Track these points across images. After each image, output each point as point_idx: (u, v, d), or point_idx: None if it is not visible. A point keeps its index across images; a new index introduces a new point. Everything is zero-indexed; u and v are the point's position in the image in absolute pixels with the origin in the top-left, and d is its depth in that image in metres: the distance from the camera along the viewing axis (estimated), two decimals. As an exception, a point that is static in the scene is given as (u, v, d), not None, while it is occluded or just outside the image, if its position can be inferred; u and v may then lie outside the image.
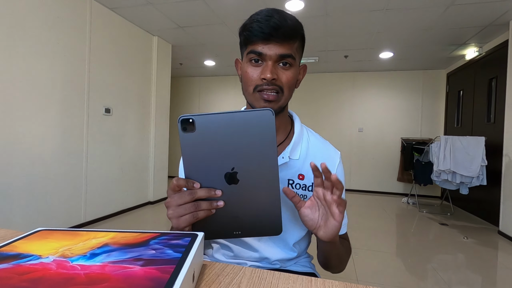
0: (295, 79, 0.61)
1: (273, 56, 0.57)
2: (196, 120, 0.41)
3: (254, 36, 0.57)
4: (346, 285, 0.39)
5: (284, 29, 0.55)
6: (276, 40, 0.56)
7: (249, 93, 0.60)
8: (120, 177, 3.19)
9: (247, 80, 0.59)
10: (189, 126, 0.42)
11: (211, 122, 0.42)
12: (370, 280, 1.86)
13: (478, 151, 3.11)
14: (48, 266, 0.32)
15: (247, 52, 0.59)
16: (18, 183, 2.15)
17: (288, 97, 0.61)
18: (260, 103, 0.59)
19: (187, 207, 0.45)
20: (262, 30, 0.55)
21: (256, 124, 0.42)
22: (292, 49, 0.58)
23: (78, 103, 2.62)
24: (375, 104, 5.02)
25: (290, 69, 0.59)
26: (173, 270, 0.31)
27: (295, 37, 0.59)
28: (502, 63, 3.08)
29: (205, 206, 0.45)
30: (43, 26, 2.28)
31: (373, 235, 2.76)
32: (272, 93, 0.58)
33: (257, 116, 0.41)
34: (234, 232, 0.48)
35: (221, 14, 2.97)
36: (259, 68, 0.58)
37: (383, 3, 2.63)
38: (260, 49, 0.57)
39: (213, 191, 0.45)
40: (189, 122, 0.42)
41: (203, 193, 0.45)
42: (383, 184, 4.96)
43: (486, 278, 1.97)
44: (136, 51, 3.36)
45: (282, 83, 0.58)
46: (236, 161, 0.44)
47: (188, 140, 0.42)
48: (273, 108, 0.58)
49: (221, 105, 5.80)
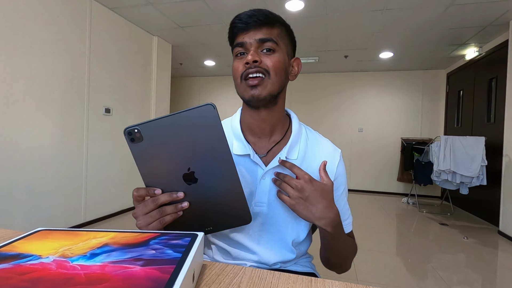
0: (282, 64, 0.60)
1: (253, 42, 0.58)
2: (142, 129, 0.41)
3: (235, 29, 0.60)
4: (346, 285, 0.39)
5: (259, 15, 0.58)
6: (254, 26, 0.58)
7: (238, 85, 0.61)
8: (120, 177, 3.19)
9: (235, 72, 0.60)
10: (136, 136, 0.42)
11: (157, 128, 0.42)
12: (370, 280, 1.86)
13: (478, 151, 3.11)
14: (48, 266, 0.32)
15: (233, 48, 0.62)
16: (18, 183, 2.15)
17: (277, 82, 0.60)
18: (248, 91, 0.59)
19: (153, 215, 0.46)
20: (241, 21, 0.59)
21: (200, 121, 0.42)
22: (272, 34, 0.59)
23: (78, 103, 2.62)
24: (375, 104, 5.02)
25: (273, 54, 0.59)
26: (173, 270, 0.31)
27: (272, 23, 0.60)
28: (502, 63, 3.08)
29: (170, 210, 0.46)
30: (43, 26, 2.28)
31: (373, 235, 2.76)
32: (257, 75, 0.57)
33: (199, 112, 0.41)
34: (206, 228, 0.49)
35: (221, 14, 2.97)
36: (243, 58, 0.59)
37: (383, 3, 2.62)
38: (240, 39, 0.59)
39: (175, 194, 0.46)
40: (135, 132, 0.42)
41: (166, 198, 0.46)
42: (383, 184, 4.96)
43: (486, 278, 1.97)
44: (136, 51, 3.36)
45: (267, 66, 0.58)
46: (190, 161, 0.44)
47: (139, 150, 0.43)
48: (260, 94, 0.58)
49: (221, 105, 5.80)
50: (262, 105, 0.61)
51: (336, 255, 0.64)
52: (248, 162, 0.65)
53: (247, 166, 0.65)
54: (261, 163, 0.64)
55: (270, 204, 0.64)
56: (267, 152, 0.66)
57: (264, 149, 0.67)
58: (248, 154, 0.64)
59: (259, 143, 0.67)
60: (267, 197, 0.64)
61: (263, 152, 0.67)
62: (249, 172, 0.65)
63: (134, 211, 0.48)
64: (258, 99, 0.59)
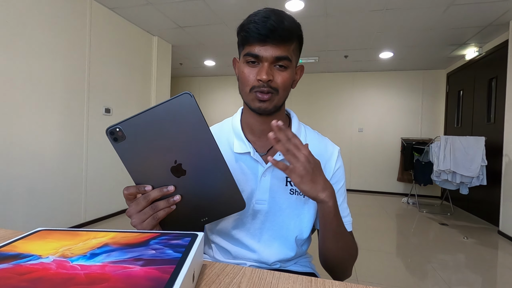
0: (290, 80, 0.62)
1: (269, 58, 0.57)
2: (123, 127, 0.41)
3: (250, 37, 0.57)
4: (346, 285, 0.39)
5: (280, 31, 0.56)
6: (272, 42, 0.56)
7: (246, 93, 0.61)
8: (120, 177, 3.19)
9: (244, 80, 0.60)
10: (119, 135, 0.42)
11: (137, 124, 0.41)
12: (370, 280, 1.86)
13: (478, 151, 3.11)
14: (48, 266, 0.32)
15: (244, 53, 0.60)
16: (18, 183, 2.15)
17: (283, 97, 0.62)
18: (255, 103, 0.60)
19: (146, 212, 0.46)
20: (259, 31, 0.56)
21: (179, 111, 0.41)
22: (289, 51, 0.59)
23: (78, 103, 2.62)
24: (375, 104, 5.02)
25: (286, 70, 0.60)
26: (173, 270, 0.31)
27: (291, 39, 0.59)
28: (502, 63, 3.08)
29: (163, 205, 0.46)
30: (43, 26, 2.28)
31: (373, 235, 2.76)
32: (266, 94, 0.59)
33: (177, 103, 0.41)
34: (201, 219, 0.49)
35: (221, 14, 2.97)
36: (255, 69, 0.59)
37: (383, 3, 2.62)
38: (256, 51, 0.57)
39: (165, 189, 0.45)
40: (117, 131, 0.41)
41: (156, 193, 0.46)
42: (383, 184, 4.96)
43: (486, 278, 1.97)
44: (136, 51, 3.36)
45: (278, 84, 0.59)
46: (175, 153, 0.44)
47: (123, 149, 0.42)
48: (267, 107, 0.60)
49: (221, 105, 5.80)
50: (266, 114, 0.63)
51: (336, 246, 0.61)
52: (248, 160, 0.66)
53: (248, 164, 0.66)
54: (261, 161, 0.65)
55: (271, 201, 0.65)
56: (267, 151, 0.67)
57: (264, 147, 0.68)
58: (248, 152, 0.65)
59: (259, 142, 0.68)
60: (268, 194, 0.65)
61: (263, 150, 0.68)
62: (250, 169, 0.66)
63: (127, 210, 0.48)
64: (264, 111, 0.61)
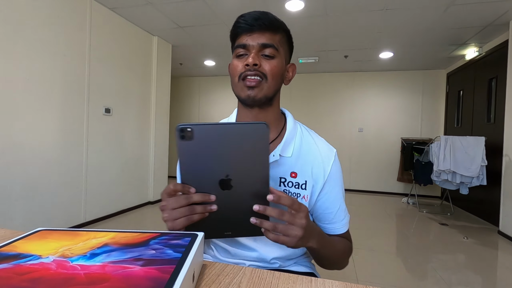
0: (279, 69, 0.62)
1: (256, 45, 0.60)
2: (195, 129, 0.43)
3: (239, 28, 0.61)
4: (346, 285, 0.39)
5: (264, 20, 0.60)
6: (258, 30, 0.60)
7: (235, 84, 0.62)
8: (120, 177, 3.19)
9: (233, 71, 0.62)
10: (187, 135, 0.44)
11: (209, 132, 0.44)
12: (370, 280, 1.86)
13: (478, 151, 3.11)
14: (48, 266, 0.32)
15: (234, 47, 0.63)
16: (18, 183, 2.15)
17: (273, 86, 0.62)
18: (244, 91, 0.61)
19: (182, 211, 0.47)
20: (246, 22, 0.60)
21: (250, 136, 0.44)
22: (274, 40, 0.61)
23: (78, 103, 2.62)
24: (375, 104, 5.02)
25: (273, 59, 0.61)
26: (173, 270, 0.31)
27: (276, 28, 0.62)
28: (502, 63, 3.08)
29: (200, 210, 0.47)
30: (43, 26, 2.28)
31: (373, 235, 2.76)
32: (255, 77, 0.60)
33: (252, 128, 0.44)
34: (225, 232, 0.50)
35: (221, 14, 2.97)
36: (244, 59, 0.61)
37: (383, 3, 2.63)
38: (244, 41, 0.61)
39: (208, 196, 0.47)
40: (187, 130, 0.43)
41: (199, 197, 0.47)
42: (383, 184, 4.96)
43: (486, 278, 1.97)
44: (136, 51, 3.36)
45: (265, 70, 0.60)
46: (230, 169, 0.46)
47: (186, 148, 0.45)
48: (256, 95, 0.61)
49: (221, 105, 5.81)
50: (257, 105, 0.63)
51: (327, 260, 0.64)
52: None
53: None
54: None
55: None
56: None
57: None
58: None
59: None
60: None
61: None
62: None
63: (162, 203, 0.48)
64: (253, 100, 0.61)
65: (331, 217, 0.67)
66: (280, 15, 2.99)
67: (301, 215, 0.48)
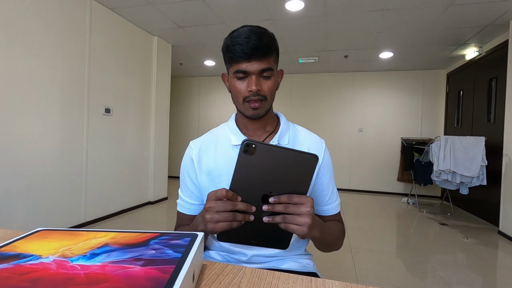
0: (275, 86, 0.71)
1: (255, 71, 0.67)
2: (257, 147, 0.49)
3: (237, 57, 0.66)
4: (346, 285, 0.39)
5: (261, 48, 0.65)
6: (256, 58, 0.66)
7: (239, 103, 0.71)
8: (120, 177, 3.19)
9: (236, 93, 0.70)
10: (250, 150, 0.49)
11: (268, 152, 0.49)
12: (370, 280, 1.86)
13: (478, 151, 3.10)
14: (48, 266, 0.32)
15: (234, 71, 0.69)
16: (18, 183, 2.15)
17: (271, 102, 0.72)
18: (249, 111, 0.70)
19: (226, 215, 0.51)
20: (244, 51, 0.65)
21: (302, 163, 0.50)
22: (270, 62, 0.68)
23: (78, 103, 2.62)
24: (375, 104, 5.02)
25: (270, 79, 0.69)
26: (173, 270, 0.31)
27: (271, 52, 0.68)
28: (502, 63, 3.07)
29: (240, 217, 0.51)
30: (43, 26, 2.28)
31: (373, 235, 2.76)
32: (257, 102, 0.68)
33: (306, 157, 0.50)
34: (252, 241, 0.55)
35: (221, 14, 2.97)
36: (245, 82, 0.68)
37: (382, 3, 2.62)
38: (244, 68, 0.67)
39: (250, 207, 0.51)
40: (252, 146, 0.48)
41: (243, 206, 0.51)
42: (383, 184, 4.96)
43: (486, 278, 1.97)
44: (136, 51, 3.36)
45: (265, 92, 0.69)
46: (275, 187, 0.51)
47: (245, 161, 0.49)
48: (260, 113, 0.70)
49: (221, 105, 5.80)
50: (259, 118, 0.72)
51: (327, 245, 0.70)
52: None
53: None
54: None
55: None
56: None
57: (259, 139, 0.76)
58: None
59: (254, 136, 0.76)
60: None
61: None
62: None
63: (208, 205, 0.52)
64: (258, 116, 0.71)
65: (326, 199, 0.76)
66: (280, 15, 3.00)
67: (307, 205, 0.51)
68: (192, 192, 0.76)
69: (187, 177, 0.76)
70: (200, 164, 0.74)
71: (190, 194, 0.76)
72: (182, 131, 5.99)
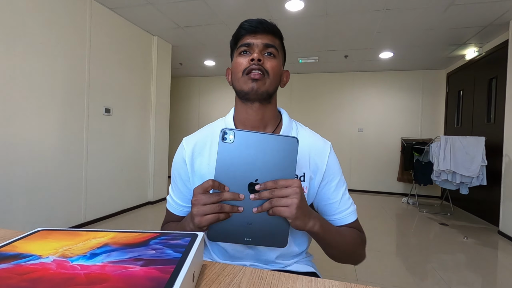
0: (279, 68, 0.68)
1: (260, 44, 0.65)
2: (236, 134, 0.49)
3: (243, 30, 0.66)
4: (346, 285, 0.39)
5: (267, 24, 0.67)
6: (262, 31, 0.66)
7: (238, 78, 0.66)
8: (120, 177, 3.19)
9: (237, 67, 0.66)
10: (229, 137, 0.49)
11: (247, 138, 0.49)
12: (370, 280, 1.86)
13: (478, 151, 3.10)
14: (48, 266, 0.32)
15: (238, 46, 0.67)
16: (18, 183, 2.15)
17: (273, 83, 0.67)
18: (248, 84, 0.64)
19: (212, 207, 0.49)
20: (250, 25, 0.66)
21: (282, 147, 0.50)
22: (275, 42, 0.67)
23: (78, 103, 2.62)
24: (375, 104, 5.02)
25: (274, 58, 0.67)
26: (173, 270, 0.31)
27: (277, 34, 0.68)
28: (502, 63, 3.07)
29: (228, 209, 0.50)
30: (43, 26, 2.28)
31: (373, 235, 2.76)
32: (258, 71, 0.63)
33: (285, 141, 0.50)
34: (245, 238, 0.52)
35: (221, 14, 2.97)
36: (248, 56, 0.66)
37: (382, 3, 2.62)
38: (248, 40, 0.66)
39: (237, 195, 0.50)
40: (230, 134, 0.49)
41: (229, 195, 0.49)
42: (383, 184, 4.96)
43: (486, 278, 1.97)
44: (136, 51, 3.36)
45: (268, 67, 0.65)
46: (260, 174, 0.50)
47: (225, 149, 0.49)
48: (259, 88, 0.64)
49: (221, 105, 5.80)
50: (258, 99, 0.66)
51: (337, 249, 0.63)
52: None
53: None
54: None
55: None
56: None
57: None
58: None
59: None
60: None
61: None
62: None
63: (194, 198, 0.50)
64: (256, 92, 0.64)
65: (335, 207, 0.68)
66: (280, 15, 3.00)
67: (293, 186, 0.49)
68: (182, 193, 0.72)
69: (178, 179, 0.72)
70: (193, 167, 0.69)
71: (180, 196, 0.72)
72: (182, 131, 5.99)
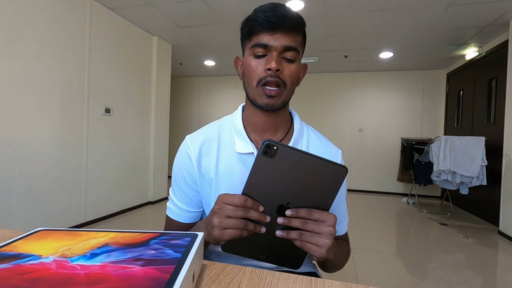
0: (298, 74, 0.60)
1: (279, 47, 0.55)
2: (279, 150, 0.42)
3: (259, 25, 0.55)
4: (346, 285, 0.39)
5: (290, 19, 0.55)
6: (282, 30, 0.55)
7: (252, 88, 0.59)
8: (120, 177, 3.19)
9: (251, 73, 0.58)
10: (271, 152, 0.43)
11: (292, 157, 0.43)
12: (370, 280, 1.86)
13: (478, 151, 3.10)
14: (48, 266, 0.32)
15: (252, 45, 0.57)
16: (18, 183, 2.15)
17: (291, 92, 0.60)
18: (263, 99, 0.58)
19: (236, 222, 0.44)
20: (268, 19, 0.54)
21: (328, 174, 0.43)
22: (297, 42, 0.57)
23: (78, 103, 2.62)
24: (375, 104, 5.02)
25: (293, 63, 0.58)
26: (173, 270, 0.31)
27: (299, 29, 0.58)
28: (502, 63, 3.07)
29: (251, 227, 0.45)
30: (43, 26, 2.28)
31: (373, 235, 2.76)
32: (275, 88, 0.57)
33: (333, 168, 0.43)
34: (260, 255, 0.49)
35: (221, 14, 2.97)
36: (263, 60, 0.57)
37: (382, 3, 2.62)
38: (265, 41, 0.55)
39: (264, 217, 0.45)
40: (273, 148, 0.42)
41: (256, 215, 0.45)
42: (383, 184, 4.96)
43: (486, 278, 1.97)
44: (136, 51, 3.36)
45: (286, 77, 0.57)
46: (293, 198, 0.45)
47: (263, 164, 0.43)
48: (275, 103, 0.58)
49: (221, 105, 5.80)
50: (273, 110, 0.61)
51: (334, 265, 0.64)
52: (251, 161, 0.64)
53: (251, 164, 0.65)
54: None
55: None
56: None
57: None
58: (251, 152, 0.63)
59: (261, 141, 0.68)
60: None
61: None
62: None
63: (217, 207, 0.46)
64: (272, 107, 0.59)
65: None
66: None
67: (329, 223, 0.45)
68: (188, 197, 0.65)
69: (183, 181, 0.65)
70: (200, 167, 0.63)
71: (186, 200, 0.65)
72: (182, 131, 5.99)
